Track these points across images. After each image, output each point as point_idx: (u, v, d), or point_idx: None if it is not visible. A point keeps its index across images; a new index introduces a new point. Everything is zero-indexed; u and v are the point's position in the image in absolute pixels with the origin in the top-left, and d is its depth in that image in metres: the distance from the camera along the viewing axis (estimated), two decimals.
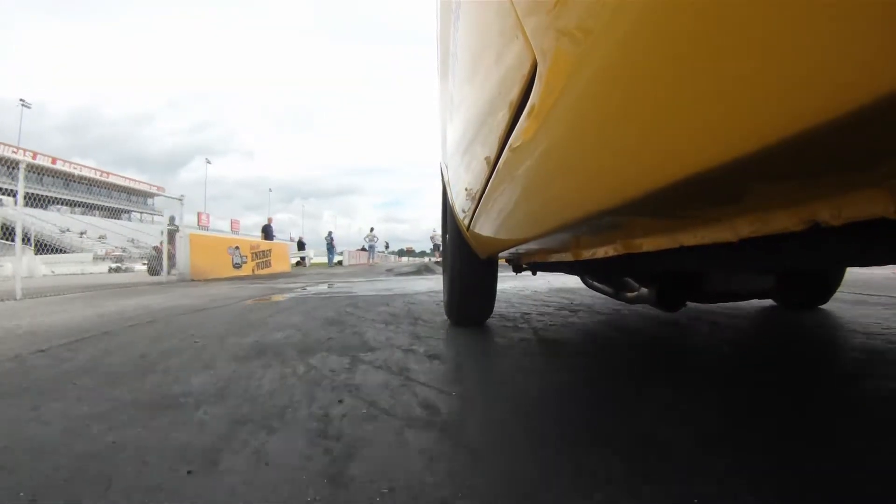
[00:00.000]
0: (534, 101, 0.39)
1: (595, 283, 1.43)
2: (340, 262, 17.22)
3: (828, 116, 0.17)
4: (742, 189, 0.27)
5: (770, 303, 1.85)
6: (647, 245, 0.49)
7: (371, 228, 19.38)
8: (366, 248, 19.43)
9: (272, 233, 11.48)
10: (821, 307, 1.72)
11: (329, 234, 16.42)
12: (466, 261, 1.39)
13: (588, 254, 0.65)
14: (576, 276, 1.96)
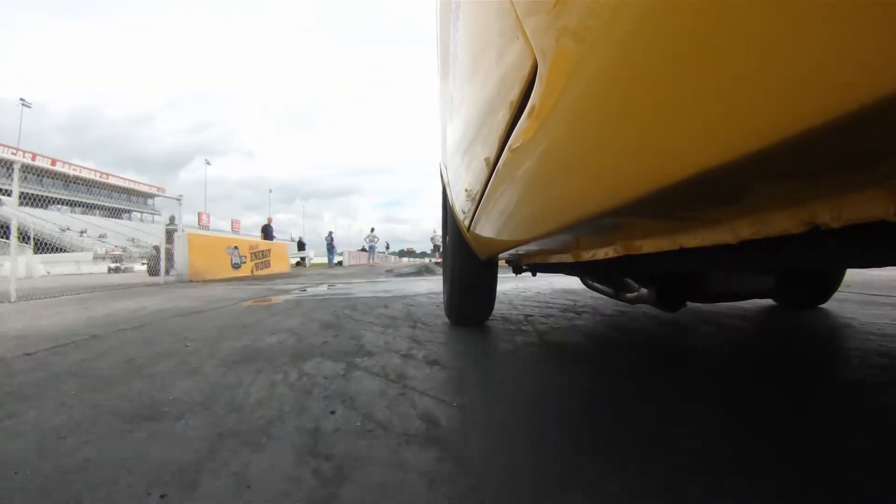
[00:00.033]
0: (534, 102, 0.39)
1: (595, 284, 1.44)
2: (340, 263, 17.22)
3: (828, 116, 0.17)
4: (742, 189, 0.27)
5: (770, 303, 1.85)
6: (647, 246, 0.49)
7: (371, 229, 19.35)
8: (366, 249, 19.42)
9: (272, 233, 11.48)
10: (821, 307, 1.73)
11: (329, 235, 16.42)
12: (466, 262, 1.39)
13: (588, 255, 0.65)
14: (577, 278, 1.96)
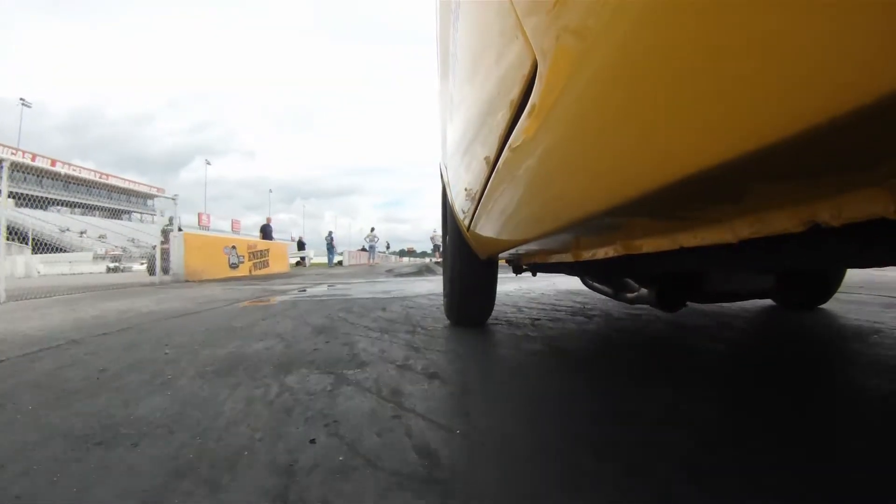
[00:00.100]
0: (534, 101, 0.39)
1: (595, 284, 1.44)
2: (340, 263, 17.22)
3: (828, 116, 0.17)
4: (742, 189, 0.27)
5: (770, 303, 1.85)
6: (647, 246, 0.49)
7: (372, 228, 19.37)
8: (366, 249, 19.43)
9: (271, 232, 11.44)
10: (821, 307, 1.73)
11: (329, 234, 16.42)
12: (466, 261, 1.39)
13: (588, 255, 0.65)
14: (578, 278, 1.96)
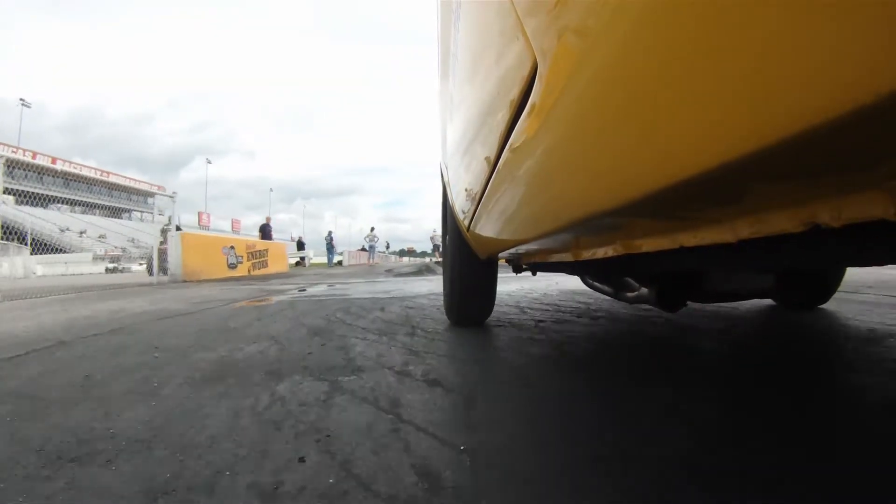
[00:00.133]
0: (534, 102, 0.39)
1: (595, 284, 1.44)
2: (340, 263, 17.23)
3: (828, 116, 0.17)
4: (742, 189, 0.27)
5: (770, 302, 1.85)
6: (647, 246, 0.49)
7: (371, 228, 19.36)
8: (366, 249, 19.43)
9: (270, 232, 11.42)
10: (821, 307, 1.73)
11: (329, 234, 16.43)
12: (466, 261, 1.39)
13: (588, 254, 0.65)
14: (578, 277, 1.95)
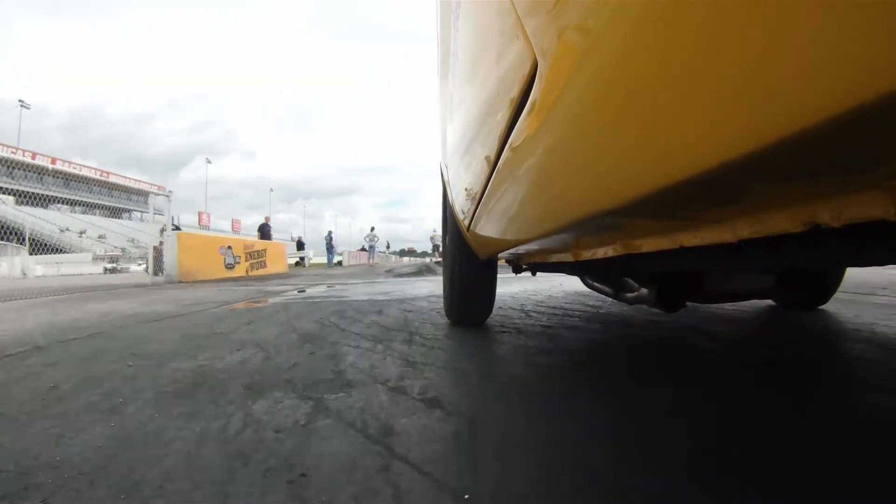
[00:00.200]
0: (534, 101, 0.39)
1: (595, 284, 1.44)
2: (340, 263, 17.22)
3: (828, 116, 0.17)
4: (742, 189, 0.27)
5: (770, 303, 1.86)
6: (647, 246, 0.49)
7: (372, 228, 19.34)
8: (366, 249, 19.42)
9: (269, 232, 11.37)
10: (821, 307, 1.73)
11: (329, 234, 16.42)
12: (466, 261, 1.39)
13: (588, 254, 0.65)
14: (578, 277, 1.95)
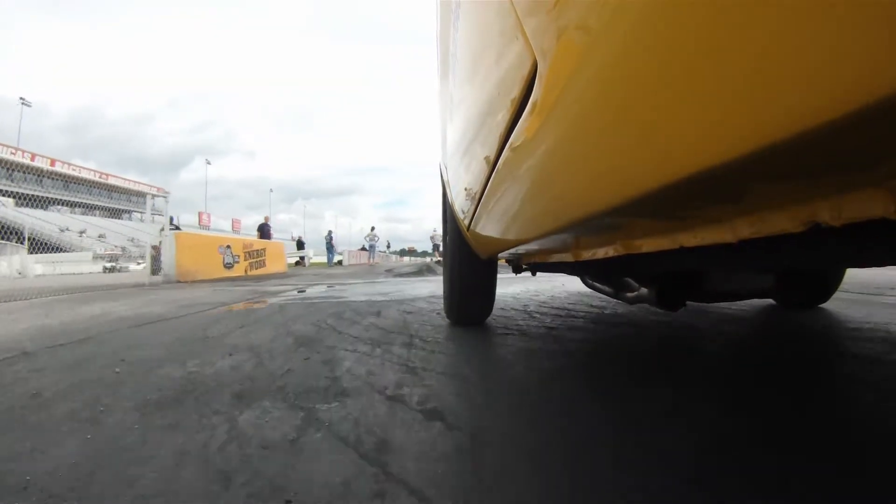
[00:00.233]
0: (534, 101, 0.39)
1: (595, 284, 1.44)
2: (340, 262, 17.22)
3: (828, 116, 0.17)
4: (742, 189, 0.27)
5: (770, 302, 1.86)
6: (647, 246, 0.49)
7: (372, 228, 19.32)
8: (366, 248, 19.42)
9: (269, 232, 11.36)
10: (826, 307, 1.73)
11: (329, 234, 16.42)
12: (466, 261, 1.39)
13: (588, 254, 0.65)
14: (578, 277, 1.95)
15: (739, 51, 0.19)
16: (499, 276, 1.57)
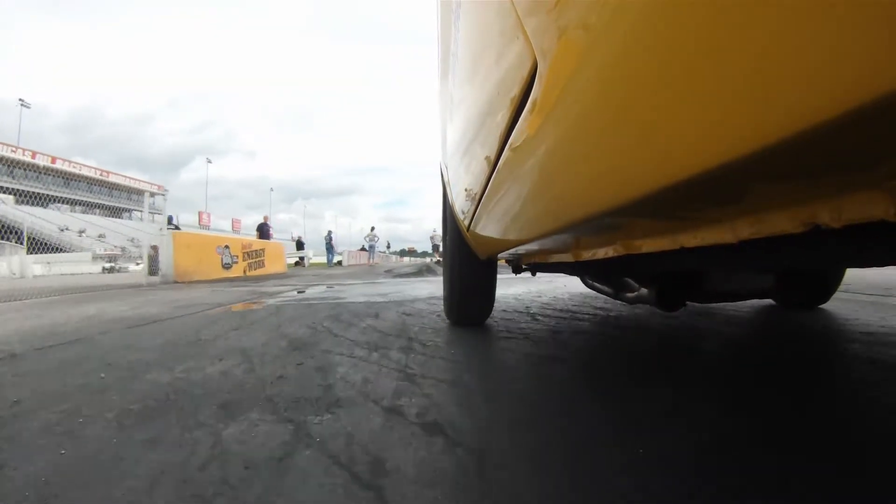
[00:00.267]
0: (534, 101, 0.39)
1: (595, 284, 1.44)
2: (340, 263, 17.22)
3: (828, 116, 0.17)
4: (742, 189, 0.27)
5: (770, 302, 1.86)
6: (647, 246, 0.49)
7: (372, 228, 19.32)
8: (366, 248, 19.42)
9: (268, 232, 11.32)
10: (820, 307, 1.73)
11: (328, 234, 16.42)
12: (466, 261, 1.39)
13: (588, 255, 0.65)
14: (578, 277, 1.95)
15: (739, 51, 0.19)
16: (500, 277, 1.56)
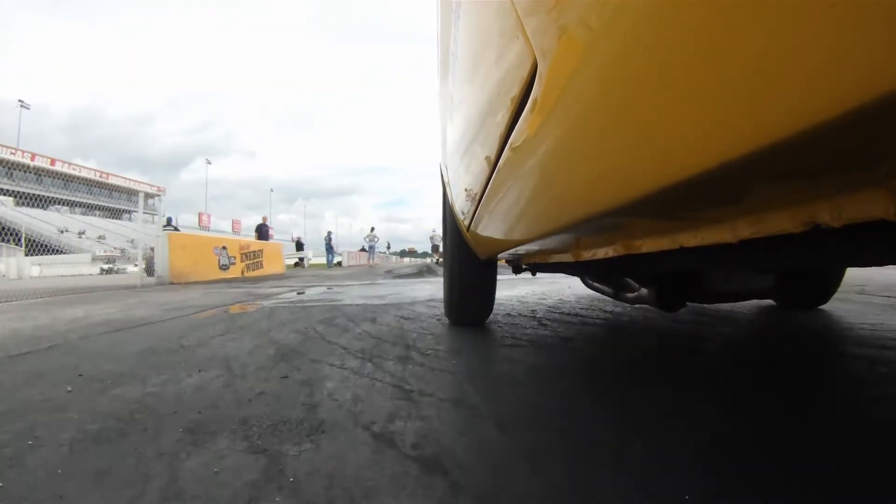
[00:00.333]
0: (534, 101, 0.39)
1: (595, 284, 1.44)
2: (339, 263, 17.22)
3: (828, 116, 0.17)
4: (742, 189, 0.27)
5: (770, 303, 1.86)
6: (647, 246, 0.49)
7: (371, 228, 19.32)
8: (366, 249, 19.42)
9: (267, 232, 11.33)
10: (820, 307, 1.73)
11: (328, 235, 16.42)
12: (466, 261, 1.39)
13: (588, 255, 0.65)
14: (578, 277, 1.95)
15: (739, 50, 0.19)
16: (502, 278, 1.55)
